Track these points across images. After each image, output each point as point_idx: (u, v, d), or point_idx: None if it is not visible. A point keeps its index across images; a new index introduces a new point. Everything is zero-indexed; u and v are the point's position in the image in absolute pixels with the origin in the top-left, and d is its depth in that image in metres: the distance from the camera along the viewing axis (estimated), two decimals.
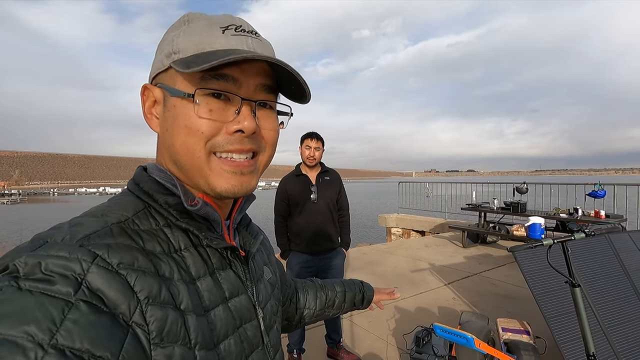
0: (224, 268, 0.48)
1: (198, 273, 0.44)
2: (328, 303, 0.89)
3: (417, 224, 8.65)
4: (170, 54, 0.44)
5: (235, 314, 0.47)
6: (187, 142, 0.44)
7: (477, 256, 5.51)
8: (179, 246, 0.44)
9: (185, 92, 0.43)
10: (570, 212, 5.14)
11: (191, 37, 0.44)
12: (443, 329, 1.86)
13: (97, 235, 0.38)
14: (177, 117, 0.44)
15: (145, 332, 0.36)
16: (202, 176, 0.45)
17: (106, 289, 0.34)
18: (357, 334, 2.93)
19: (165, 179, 0.47)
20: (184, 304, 0.40)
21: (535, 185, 7.01)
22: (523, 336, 2.40)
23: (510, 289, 3.94)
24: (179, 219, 0.45)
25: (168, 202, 0.45)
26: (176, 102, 0.44)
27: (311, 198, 2.35)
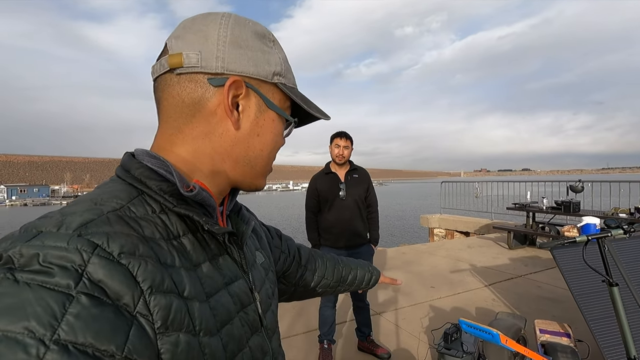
0: (222, 254, 0.49)
1: (198, 259, 0.44)
2: (343, 278, 0.93)
3: (461, 225, 8.35)
4: (278, 75, 0.50)
5: (235, 298, 0.48)
6: (272, 153, 0.53)
7: (523, 258, 5.24)
8: (177, 233, 0.44)
9: (288, 115, 0.53)
10: (631, 211, 4.71)
11: (289, 69, 0.52)
12: (468, 324, 1.85)
13: (94, 224, 0.37)
14: (272, 130, 0.51)
15: (150, 322, 0.35)
16: (259, 177, 0.54)
17: (108, 279, 0.33)
18: (388, 329, 2.97)
19: (157, 165, 0.45)
20: (187, 291, 0.40)
21: (600, 183, 6.46)
22: (562, 339, 2.29)
23: (557, 292, 3.72)
24: (176, 205, 0.44)
25: (162, 189, 0.44)
26: (275, 117, 0.51)
27: (340, 195, 2.44)
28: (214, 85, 0.46)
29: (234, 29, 0.47)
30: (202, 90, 0.46)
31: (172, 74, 0.46)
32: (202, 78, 0.45)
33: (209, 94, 0.46)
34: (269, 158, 0.53)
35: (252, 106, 0.48)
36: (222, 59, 0.45)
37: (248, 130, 0.49)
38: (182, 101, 0.46)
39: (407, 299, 3.69)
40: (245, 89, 0.47)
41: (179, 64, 0.45)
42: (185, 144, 0.47)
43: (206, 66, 0.45)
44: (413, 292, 3.87)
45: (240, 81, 0.46)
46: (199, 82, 0.45)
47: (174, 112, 0.47)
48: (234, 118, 0.47)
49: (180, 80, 0.46)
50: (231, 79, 0.45)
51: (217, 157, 0.48)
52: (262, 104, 0.49)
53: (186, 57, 0.45)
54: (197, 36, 0.46)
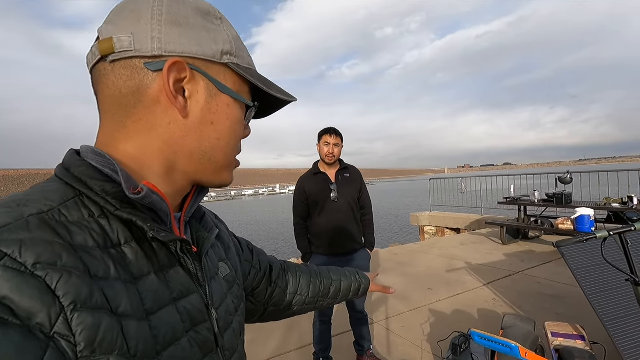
0: (173, 265, 0.44)
1: (141, 271, 0.39)
2: (323, 291, 0.85)
3: (452, 222, 8.27)
4: (228, 54, 0.45)
5: (184, 316, 0.43)
6: (232, 142, 0.48)
7: (518, 253, 5.13)
8: (118, 240, 0.39)
9: (246, 100, 0.48)
10: (623, 201, 4.65)
11: (243, 49, 0.48)
12: (482, 336, 1.66)
13: (7, 229, 0.32)
14: (229, 118, 0.46)
15: (71, 344, 0.31)
16: (221, 173, 0.49)
17: (16, 295, 0.29)
18: (387, 339, 2.76)
19: (103, 163, 0.41)
20: (122, 308, 0.35)
21: (581, 174, 6.47)
22: (577, 342, 2.13)
23: (559, 288, 3.59)
24: (119, 208, 0.39)
25: (105, 190, 0.39)
26: (230, 102, 0.46)
27: (331, 197, 2.22)
28: (152, 70, 0.41)
29: (171, 7, 0.42)
30: (139, 76, 0.41)
31: (105, 63, 0.41)
32: (138, 63, 0.41)
33: (148, 80, 0.41)
34: (228, 148, 0.48)
35: (201, 91, 0.44)
36: (158, 40, 0.41)
37: (199, 117, 0.44)
38: (120, 91, 0.42)
39: (405, 303, 3.49)
40: (190, 71, 0.43)
41: (110, 50, 0.40)
42: (130, 140, 0.43)
43: (141, 49, 0.40)
44: (410, 296, 3.68)
45: (182, 62, 0.42)
46: (135, 68, 0.41)
47: (113, 105, 0.42)
48: (180, 105, 0.43)
49: (114, 69, 0.41)
50: (170, 60, 0.41)
51: (168, 151, 0.44)
52: (212, 87, 0.45)
53: (117, 41, 0.40)
54: (129, 18, 0.41)
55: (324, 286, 0.85)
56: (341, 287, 0.88)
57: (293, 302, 0.81)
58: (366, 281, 0.93)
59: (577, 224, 4.60)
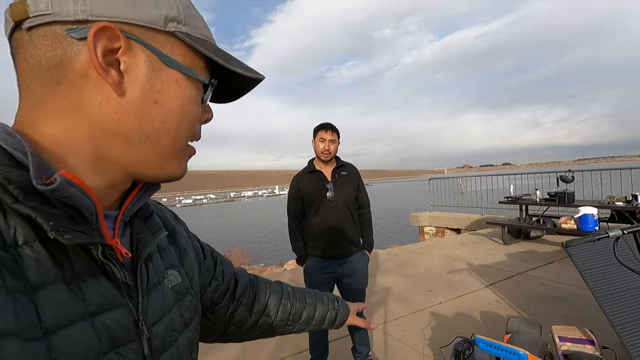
0: (93, 273, 0.37)
1: (42, 279, 0.32)
2: (294, 315, 0.76)
3: (452, 222, 8.18)
4: (174, 21, 0.38)
5: (102, 335, 0.36)
6: (183, 125, 0.41)
7: (520, 253, 5.03)
8: (14, 240, 0.32)
9: (201, 76, 0.41)
10: (627, 199, 4.56)
11: (195, 16, 0.41)
12: (487, 343, 1.56)
13: None
14: (178, 95, 0.40)
15: None
16: (168, 159, 0.41)
17: None
18: (388, 345, 2.65)
19: (14, 144, 0.34)
20: (2, 324, 0.28)
21: (582, 172, 6.38)
22: (586, 346, 2.03)
23: (563, 289, 3.49)
24: (19, 200, 0.32)
25: (9, 178, 0.33)
26: (179, 78, 0.39)
27: (327, 196, 2.11)
28: (77, 38, 0.34)
29: None
30: (62, 46, 0.34)
31: (22, 31, 0.34)
32: (59, 30, 0.34)
33: (73, 50, 0.34)
34: (177, 132, 0.41)
35: (141, 64, 0.37)
36: (82, 1, 0.34)
37: (139, 96, 0.37)
38: (40, 64, 0.34)
39: (405, 306, 3.39)
40: (125, 40, 0.35)
41: (24, 14, 0.33)
42: (51, 121, 0.35)
43: (61, 12, 0.33)
44: (410, 298, 3.58)
45: (113, 29, 0.34)
46: (57, 36, 0.34)
47: (33, 80, 0.35)
48: (113, 80, 0.35)
49: (32, 37, 0.34)
50: (96, 26, 0.34)
51: (100, 135, 0.37)
52: (156, 60, 0.38)
53: (32, 3, 0.33)
54: None
55: (295, 310, 0.76)
56: (315, 314, 0.78)
57: (258, 324, 0.72)
58: (345, 311, 0.83)
59: (580, 223, 4.51)
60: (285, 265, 8.35)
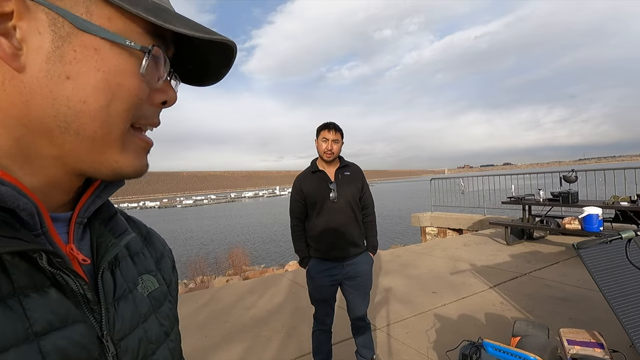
0: (40, 286, 0.32)
1: None
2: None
3: (454, 222, 8.13)
4: None
5: (53, 356, 0.30)
6: (111, 106, 0.32)
7: (524, 254, 4.98)
8: None
9: (132, 41, 0.32)
10: (632, 199, 4.51)
11: None
12: (496, 347, 1.52)
13: None
14: (100, 67, 0.32)
15: None
16: (106, 150, 0.34)
17: None
18: (392, 348, 2.61)
19: None
20: None
21: (586, 172, 6.33)
22: (596, 350, 1.98)
23: (568, 291, 3.45)
24: None
25: None
26: (100, 45, 0.31)
27: (330, 197, 2.07)
28: None
29: None
30: None
31: None
32: None
33: None
34: (108, 114, 0.32)
35: (44, 30, 0.29)
36: None
37: (44, 70, 0.30)
38: None
39: (409, 308, 3.34)
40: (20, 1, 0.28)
41: None
42: None
43: None
44: (414, 300, 3.53)
45: None
46: None
47: None
48: (6, 52, 0.28)
49: None
50: None
51: (15, 124, 0.30)
52: (65, 24, 0.30)
53: None
54: None
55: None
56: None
57: None
58: None
59: (585, 224, 4.46)
60: (287, 267, 8.31)
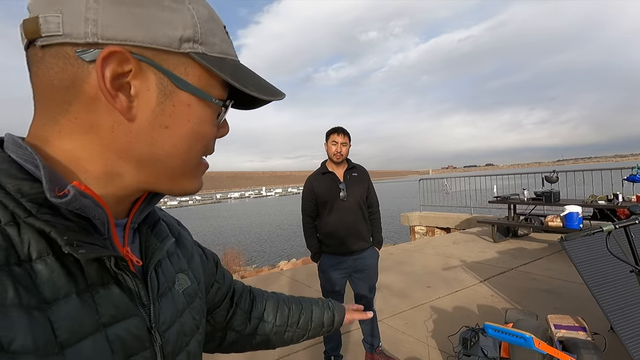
0: (105, 283, 0.37)
1: (56, 293, 0.32)
2: (291, 319, 0.76)
3: (442, 221, 8.41)
4: (190, 41, 0.36)
5: (115, 345, 0.35)
6: (192, 147, 0.39)
7: (510, 250, 5.26)
8: (28, 255, 0.31)
9: (215, 98, 0.39)
10: (609, 198, 4.84)
11: (213, 33, 0.38)
12: (496, 329, 1.70)
13: None
14: (190, 119, 0.38)
15: None
16: (180, 179, 0.41)
17: None
18: (394, 337, 2.79)
19: (24, 157, 0.34)
20: (16, 343, 0.28)
21: (566, 173, 6.69)
22: (579, 333, 2.20)
23: (553, 283, 3.70)
24: (33, 214, 0.32)
25: (21, 190, 0.32)
26: (192, 101, 0.38)
27: (340, 196, 2.23)
28: (87, 61, 0.32)
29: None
30: (73, 68, 0.33)
31: (35, 48, 0.33)
32: (70, 51, 0.32)
33: (84, 73, 0.33)
34: (189, 155, 0.40)
35: (152, 88, 0.35)
36: (93, 22, 0.32)
37: (149, 121, 0.36)
38: (52, 84, 0.33)
39: (406, 301, 3.53)
40: (136, 63, 0.34)
41: (36, 33, 0.32)
42: (63, 139, 0.35)
43: (72, 33, 0.32)
44: (411, 294, 3.73)
45: (123, 53, 0.33)
46: (68, 57, 0.32)
47: (46, 98, 0.35)
48: (121, 105, 0.34)
49: (45, 56, 0.33)
50: (106, 50, 0.32)
51: (111, 157, 0.36)
52: (168, 84, 0.36)
53: (43, 22, 0.32)
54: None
55: (292, 313, 0.77)
56: (312, 316, 0.78)
57: (257, 330, 0.72)
58: (340, 310, 0.83)
59: (566, 221, 4.75)
60: (280, 266, 8.42)
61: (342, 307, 0.84)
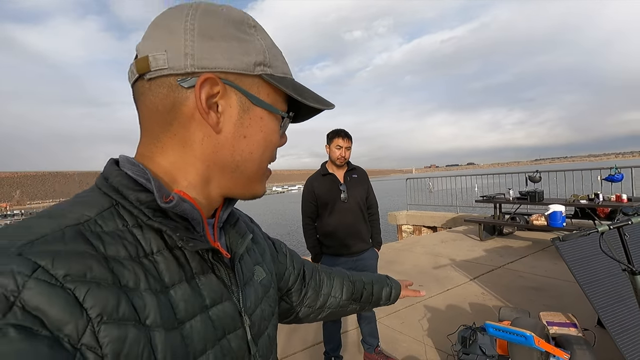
0: (205, 272, 0.44)
1: (172, 279, 0.40)
2: (355, 294, 0.85)
3: (429, 220, 8.54)
4: (261, 64, 0.44)
5: (216, 323, 0.43)
6: (265, 154, 0.47)
7: (496, 249, 5.40)
8: (151, 249, 0.40)
9: (279, 110, 0.47)
10: (590, 197, 5.03)
11: (277, 56, 0.46)
12: (496, 327, 1.75)
13: (43, 240, 0.33)
14: (263, 129, 0.46)
15: (98, 356, 0.31)
16: (253, 184, 0.48)
17: (47, 306, 0.29)
18: (391, 337, 2.82)
19: (137, 172, 0.42)
20: (150, 318, 0.36)
21: (549, 173, 6.92)
22: (571, 329, 2.29)
23: (539, 281, 3.82)
24: (151, 217, 0.40)
25: (140, 199, 0.41)
26: (264, 114, 0.45)
27: (341, 197, 2.24)
28: (186, 87, 0.41)
29: (203, 19, 0.42)
30: (174, 94, 0.41)
31: (143, 81, 0.42)
32: (172, 81, 0.41)
33: (182, 97, 0.42)
34: (261, 160, 0.48)
35: (234, 105, 0.44)
36: (191, 56, 0.41)
37: (232, 132, 0.44)
38: (157, 109, 0.42)
39: (400, 300, 3.51)
40: (223, 86, 0.43)
41: (147, 68, 0.41)
42: (165, 154, 0.44)
43: (175, 66, 0.41)
44: None
45: (214, 78, 0.42)
46: (171, 85, 0.41)
47: (151, 121, 0.43)
48: (213, 121, 0.43)
49: (151, 87, 0.42)
50: (202, 77, 0.41)
51: (201, 166, 0.45)
52: (245, 101, 0.44)
53: (153, 59, 0.40)
54: (163, 33, 0.41)
55: (356, 288, 0.85)
56: (373, 291, 0.87)
57: (327, 304, 0.81)
58: (397, 286, 0.92)
59: (550, 220, 4.92)
60: None
61: (398, 283, 0.93)
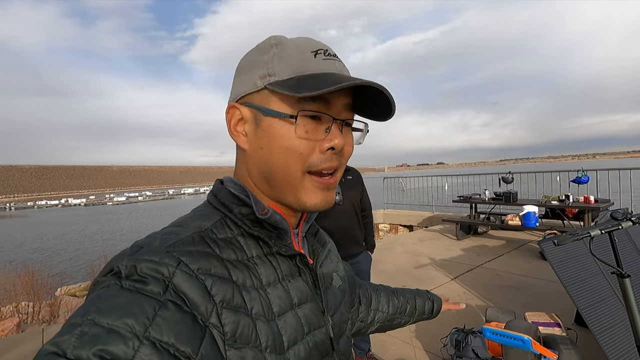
0: (293, 275, 0.50)
1: (268, 280, 0.46)
2: (400, 308, 0.89)
3: (405, 219, 8.67)
4: (264, 76, 0.46)
5: (303, 320, 0.48)
6: (287, 162, 0.46)
7: (473, 248, 5.54)
8: (251, 254, 0.47)
9: (285, 113, 0.46)
10: (560, 199, 5.27)
11: (286, 60, 0.46)
12: (494, 332, 1.76)
13: (181, 242, 0.42)
14: (274, 137, 0.46)
15: (220, 334, 0.38)
16: (293, 193, 0.48)
17: (188, 291, 0.38)
18: (380, 340, 2.79)
19: (238, 190, 0.50)
20: (254, 310, 0.42)
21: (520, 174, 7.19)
22: (555, 329, 2.36)
23: (516, 279, 3.95)
24: (251, 227, 0.48)
25: (242, 212, 0.48)
26: (273, 122, 0.46)
27: (336, 199, 2.17)
28: None
29: (244, 57, 0.50)
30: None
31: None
32: None
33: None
34: (286, 167, 0.47)
35: (250, 122, 0.48)
36: (231, 92, 0.51)
37: (253, 147, 0.48)
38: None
39: None
40: (242, 109, 0.48)
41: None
42: (237, 174, 0.53)
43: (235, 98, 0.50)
44: None
45: (233, 105, 0.49)
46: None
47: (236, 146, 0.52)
48: (241, 141, 0.49)
49: None
50: (228, 106, 0.49)
51: (251, 181, 0.51)
52: (257, 114, 0.47)
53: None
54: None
55: (400, 303, 0.90)
56: (416, 305, 0.92)
57: (375, 319, 0.85)
58: (438, 300, 0.97)
59: (524, 220, 5.10)
60: None
61: (439, 297, 0.98)
